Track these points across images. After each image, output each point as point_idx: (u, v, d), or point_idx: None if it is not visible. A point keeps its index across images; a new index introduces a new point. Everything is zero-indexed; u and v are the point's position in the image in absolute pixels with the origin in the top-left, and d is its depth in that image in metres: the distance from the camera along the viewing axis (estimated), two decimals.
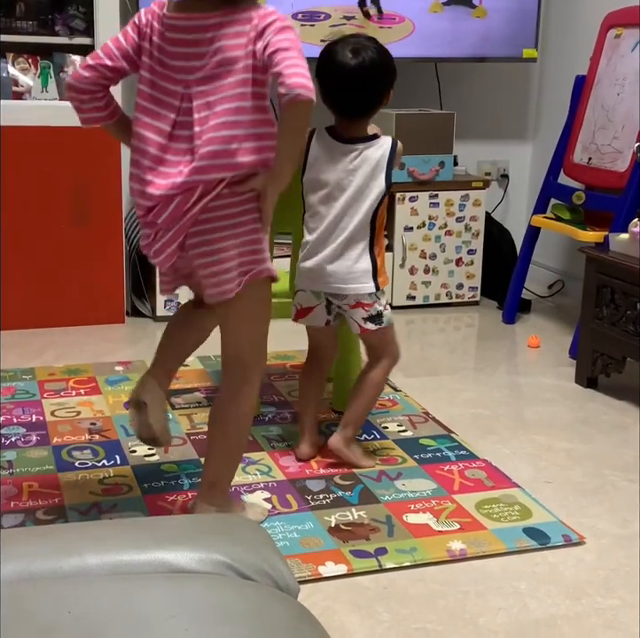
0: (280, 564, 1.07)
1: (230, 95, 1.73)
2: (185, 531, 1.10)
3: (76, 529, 1.22)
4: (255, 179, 1.78)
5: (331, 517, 2.10)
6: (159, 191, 1.76)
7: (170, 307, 3.59)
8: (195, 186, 1.75)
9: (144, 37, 1.80)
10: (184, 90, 1.76)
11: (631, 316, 2.80)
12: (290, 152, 1.79)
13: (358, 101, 2.21)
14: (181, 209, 1.77)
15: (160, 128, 1.77)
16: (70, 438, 2.50)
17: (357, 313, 2.28)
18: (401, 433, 2.61)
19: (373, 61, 2.16)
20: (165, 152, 1.77)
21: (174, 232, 1.79)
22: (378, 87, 2.20)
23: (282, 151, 1.77)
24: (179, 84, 1.76)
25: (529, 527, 2.09)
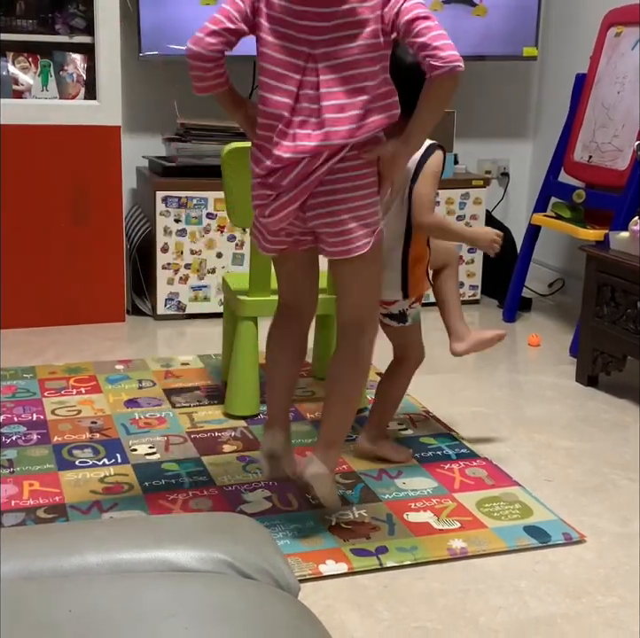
0: (281, 562, 1.07)
1: (358, 59, 1.73)
2: (186, 529, 1.10)
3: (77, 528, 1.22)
4: (384, 147, 1.80)
5: (331, 516, 2.10)
6: (287, 154, 1.76)
7: (170, 306, 3.59)
8: (323, 150, 1.76)
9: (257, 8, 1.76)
10: (310, 51, 1.74)
11: (631, 315, 2.80)
12: (429, 124, 1.80)
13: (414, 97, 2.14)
14: (307, 171, 1.77)
15: (286, 89, 1.76)
16: (71, 436, 2.50)
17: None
18: (401, 432, 2.61)
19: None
20: (292, 114, 1.76)
21: (296, 192, 1.80)
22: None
23: (421, 121, 1.78)
24: (304, 44, 1.74)
25: (530, 526, 2.09)
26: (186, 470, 2.31)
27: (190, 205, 3.53)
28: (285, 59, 1.76)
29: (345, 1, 1.72)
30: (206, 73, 1.80)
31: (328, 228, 1.84)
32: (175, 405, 2.75)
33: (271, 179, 1.81)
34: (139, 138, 3.79)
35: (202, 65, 1.78)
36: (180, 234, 3.54)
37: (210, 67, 1.79)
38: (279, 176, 1.80)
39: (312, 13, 1.73)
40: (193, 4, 3.55)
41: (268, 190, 1.84)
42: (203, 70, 1.79)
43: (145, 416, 2.65)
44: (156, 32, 3.52)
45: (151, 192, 3.53)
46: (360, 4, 1.72)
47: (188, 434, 2.54)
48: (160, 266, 3.56)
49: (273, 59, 1.78)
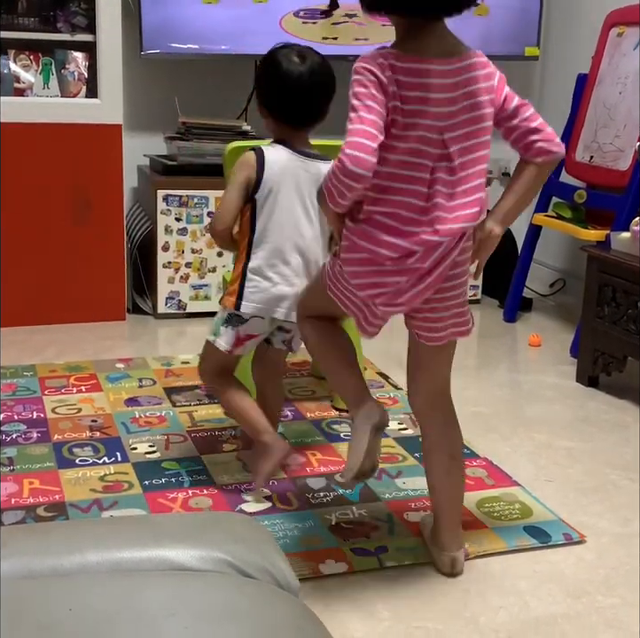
0: (281, 561, 1.06)
1: (483, 141, 1.74)
2: (186, 528, 1.10)
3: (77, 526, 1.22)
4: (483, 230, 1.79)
5: (331, 516, 2.10)
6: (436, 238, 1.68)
7: (171, 305, 3.59)
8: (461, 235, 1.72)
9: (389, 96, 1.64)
10: (439, 136, 1.68)
11: (632, 315, 2.79)
12: (526, 206, 1.84)
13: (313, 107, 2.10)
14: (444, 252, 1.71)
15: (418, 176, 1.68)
16: (71, 435, 2.50)
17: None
18: (401, 431, 2.60)
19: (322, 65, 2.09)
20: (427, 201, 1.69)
21: (436, 276, 1.72)
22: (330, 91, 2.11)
23: (521, 204, 1.80)
24: (433, 131, 1.67)
25: (530, 526, 2.09)
26: (186, 469, 2.31)
27: (191, 203, 3.52)
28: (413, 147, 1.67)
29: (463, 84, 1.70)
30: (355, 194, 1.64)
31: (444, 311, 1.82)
32: (175, 404, 2.75)
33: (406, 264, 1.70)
34: (140, 137, 3.79)
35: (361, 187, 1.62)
36: (181, 233, 3.54)
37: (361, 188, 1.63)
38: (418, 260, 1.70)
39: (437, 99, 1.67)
40: (195, 3, 3.54)
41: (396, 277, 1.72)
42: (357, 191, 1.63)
43: (146, 415, 2.65)
44: (158, 30, 3.51)
45: (152, 191, 3.53)
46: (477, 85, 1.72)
47: (188, 433, 2.54)
48: (161, 264, 3.56)
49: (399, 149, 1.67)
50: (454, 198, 1.70)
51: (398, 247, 1.69)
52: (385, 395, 2.85)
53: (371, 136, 1.60)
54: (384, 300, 1.75)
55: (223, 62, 3.77)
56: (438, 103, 1.67)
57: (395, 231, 1.69)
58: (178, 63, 3.73)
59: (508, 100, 1.76)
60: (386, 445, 2.50)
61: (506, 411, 2.81)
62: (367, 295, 1.76)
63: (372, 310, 1.79)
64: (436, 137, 1.68)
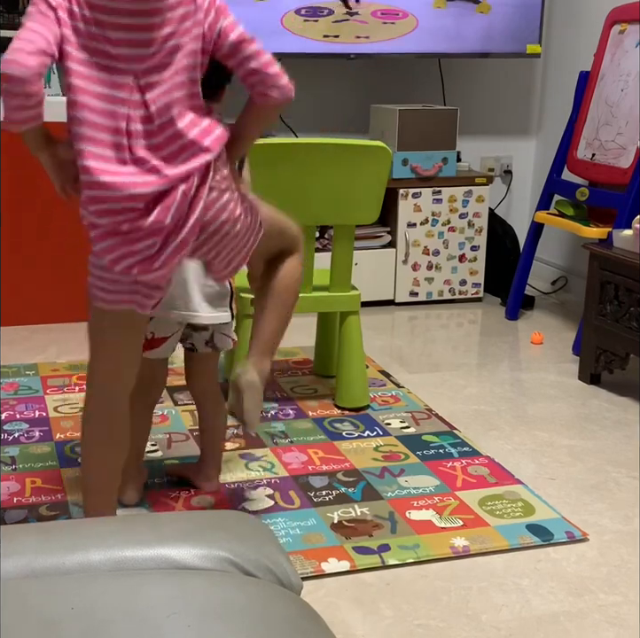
0: (283, 560, 1.06)
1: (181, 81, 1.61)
2: (188, 527, 1.10)
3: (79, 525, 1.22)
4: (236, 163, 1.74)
5: (333, 514, 2.10)
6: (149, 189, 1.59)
7: None
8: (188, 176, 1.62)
9: (62, 23, 1.58)
10: (134, 82, 1.59)
11: (634, 313, 2.79)
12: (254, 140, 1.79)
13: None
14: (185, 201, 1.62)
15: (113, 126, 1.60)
16: (73, 434, 2.50)
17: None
18: (403, 430, 2.60)
19: None
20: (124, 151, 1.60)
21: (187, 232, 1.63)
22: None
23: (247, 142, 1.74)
24: (127, 75, 1.59)
25: (532, 524, 2.09)
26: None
27: None
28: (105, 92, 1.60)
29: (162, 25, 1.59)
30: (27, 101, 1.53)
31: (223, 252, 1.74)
32: (177, 403, 2.75)
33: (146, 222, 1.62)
34: None
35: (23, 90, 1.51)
36: None
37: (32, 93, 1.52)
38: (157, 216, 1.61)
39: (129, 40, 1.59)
40: None
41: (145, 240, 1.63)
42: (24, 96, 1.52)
43: None
44: None
45: None
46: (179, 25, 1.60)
47: (190, 432, 2.54)
48: None
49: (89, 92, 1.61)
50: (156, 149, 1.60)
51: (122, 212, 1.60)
52: (386, 393, 2.85)
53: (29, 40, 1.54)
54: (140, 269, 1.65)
55: None
56: (122, 43, 1.58)
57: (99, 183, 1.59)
58: None
59: (224, 34, 1.61)
60: (389, 443, 2.50)
61: (508, 409, 2.81)
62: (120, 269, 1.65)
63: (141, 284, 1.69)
64: (129, 82, 1.59)
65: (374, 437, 2.54)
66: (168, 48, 1.60)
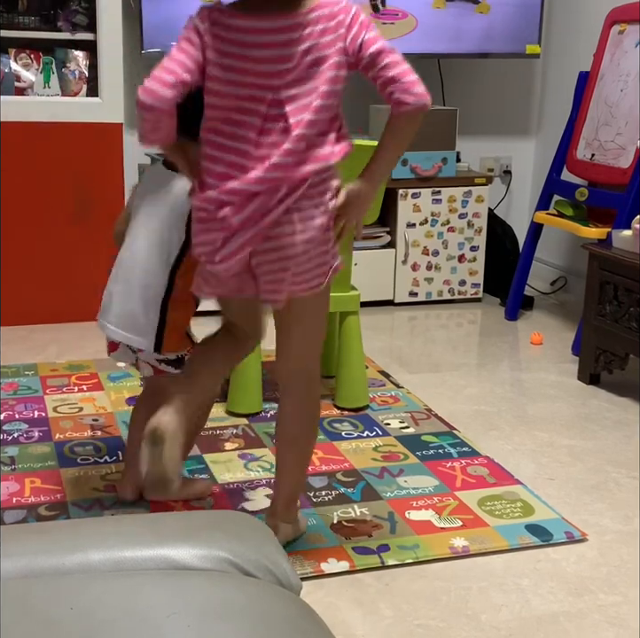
0: (282, 560, 1.06)
1: (319, 93, 1.66)
2: (188, 527, 1.10)
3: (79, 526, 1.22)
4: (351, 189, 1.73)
5: (333, 514, 2.10)
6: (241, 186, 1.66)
7: None
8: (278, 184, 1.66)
9: (207, 48, 1.66)
10: (273, 96, 1.65)
11: (634, 313, 2.79)
12: (395, 161, 1.80)
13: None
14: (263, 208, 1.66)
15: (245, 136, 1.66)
16: (72, 434, 2.50)
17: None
18: (403, 430, 2.60)
19: None
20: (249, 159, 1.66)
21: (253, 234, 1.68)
22: None
23: (389, 159, 1.75)
24: (266, 89, 1.64)
25: (531, 524, 2.09)
26: (188, 468, 2.31)
27: None
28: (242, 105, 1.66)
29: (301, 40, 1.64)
30: (159, 125, 1.65)
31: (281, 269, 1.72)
32: None
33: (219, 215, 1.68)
34: None
35: (155, 117, 1.63)
36: None
37: (164, 120, 1.64)
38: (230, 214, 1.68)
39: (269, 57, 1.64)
40: (196, 1, 3.52)
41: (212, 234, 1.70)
42: (155, 122, 1.64)
43: None
44: (158, 29, 3.51)
45: None
46: (319, 40, 1.64)
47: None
48: None
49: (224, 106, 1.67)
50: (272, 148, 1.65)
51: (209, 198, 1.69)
52: (386, 393, 2.85)
53: (171, 70, 1.63)
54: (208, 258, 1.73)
55: None
56: (262, 60, 1.64)
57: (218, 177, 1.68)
58: None
59: (365, 46, 1.64)
60: (388, 443, 2.50)
61: (508, 409, 2.81)
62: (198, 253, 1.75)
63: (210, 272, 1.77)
64: (267, 96, 1.64)
65: (373, 437, 2.54)
66: (308, 62, 1.65)
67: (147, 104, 1.61)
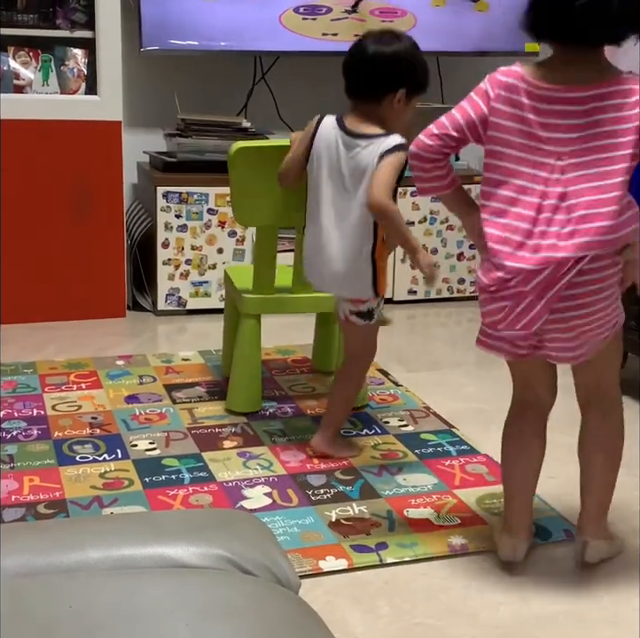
0: (281, 558, 1.06)
1: (613, 169, 1.68)
2: (186, 526, 1.10)
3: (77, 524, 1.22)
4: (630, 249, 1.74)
5: (331, 512, 2.10)
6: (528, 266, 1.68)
7: (171, 302, 3.59)
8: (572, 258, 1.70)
9: (493, 112, 1.73)
10: (556, 162, 1.68)
11: (633, 311, 2.79)
12: None
13: (363, 81, 2.18)
14: (555, 275, 1.69)
15: (528, 201, 1.70)
16: (71, 432, 2.50)
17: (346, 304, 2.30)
18: (402, 428, 2.60)
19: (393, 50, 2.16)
20: (534, 225, 1.69)
21: (547, 299, 1.71)
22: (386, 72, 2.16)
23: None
24: (550, 156, 1.69)
25: None
26: (186, 466, 2.31)
27: (190, 200, 3.52)
28: (524, 170, 1.70)
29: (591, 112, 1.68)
30: (424, 174, 1.80)
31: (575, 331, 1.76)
32: (175, 401, 2.75)
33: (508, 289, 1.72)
34: (140, 133, 3.78)
35: (419, 164, 1.78)
36: (181, 229, 3.54)
37: (427, 168, 1.79)
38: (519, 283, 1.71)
39: (556, 125, 1.69)
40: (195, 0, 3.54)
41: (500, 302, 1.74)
42: (420, 170, 1.79)
43: (146, 412, 2.65)
44: (157, 27, 3.51)
45: (151, 188, 3.53)
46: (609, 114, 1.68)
47: (188, 430, 2.54)
48: (161, 261, 3.55)
49: (508, 171, 1.72)
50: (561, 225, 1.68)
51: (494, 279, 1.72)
52: (385, 392, 2.86)
53: (441, 125, 1.76)
54: (504, 326, 1.76)
55: (223, 58, 3.76)
56: (549, 127, 1.69)
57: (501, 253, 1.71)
58: (178, 59, 3.72)
59: None
60: (387, 441, 2.51)
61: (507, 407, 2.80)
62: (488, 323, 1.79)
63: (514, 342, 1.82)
64: (550, 162, 1.69)
65: (372, 435, 2.54)
66: (592, 134, 1.68)
67: (412, 151, 1.77)
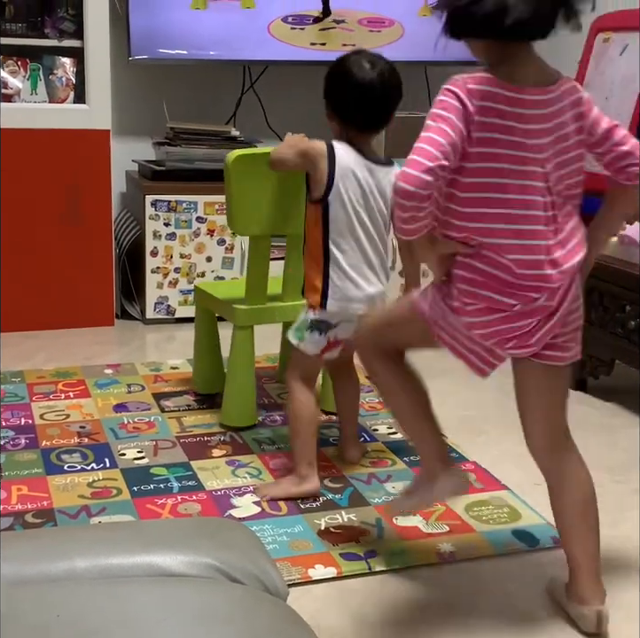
0: (269, 567, 1.07)
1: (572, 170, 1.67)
2: (174, 534, 1.10)
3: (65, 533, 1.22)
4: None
5: (320, 520, 2.10)
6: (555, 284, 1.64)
7: (160, 310, 3.59)
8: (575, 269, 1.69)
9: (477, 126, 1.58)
10: (543, 170, 1.63)
11: (620, 319, 2.81)
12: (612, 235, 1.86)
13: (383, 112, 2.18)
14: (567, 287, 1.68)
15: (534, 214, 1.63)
16: (59, 441, 2.49)
17: None
18: (390, 436, 2.61)
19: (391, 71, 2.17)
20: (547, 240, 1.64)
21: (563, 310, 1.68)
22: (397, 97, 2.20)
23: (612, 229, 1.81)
24: (536, 164, 1.62)
25: (518, 529, 2.09)
26: (175, 475, 2.31)
27: (179, 208, 3.52)
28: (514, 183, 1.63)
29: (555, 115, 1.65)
30: (419, 214, 1.57)
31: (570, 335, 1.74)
32: (164, 409, 2.74)
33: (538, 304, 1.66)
34: (129, 142, 3.79)
35: (417, 205, 1.55)
36: (169, 238, 3.54)
37: (425, 207, 1.56)
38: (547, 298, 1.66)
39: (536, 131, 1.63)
40: (183, 9, 3.55)
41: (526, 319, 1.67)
42: (417, 210, 1.56)
43: (134, 421, 2.65)
44: (146, 36, 3.52)
45: (140, 196, 3.53)
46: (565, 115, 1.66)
47: (177, 438, 2.54)
48: (150, 270, 3.55)
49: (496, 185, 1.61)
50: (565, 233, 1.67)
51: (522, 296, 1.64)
52: (374, 399, 2.86)
53: (431, 156, 1.53)
54: (514, 344, 1.70)
55: (212, 67, 3.77)
56: (536, 134, 1.62)
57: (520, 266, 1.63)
58: (166, 68, 3.73)
59: (596, 124, 1.70)
60: (376, 449, 2.51)
61: (495, 415, 2.82)
62: (493, 343, 1.71)
63: (495, 353, 1.76)
64: (539, 170, 1.63)
65: (361, 443, 2.54)
66: (556, 138, 1.65)
67: (405, 190, 1.52)
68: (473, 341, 1.74)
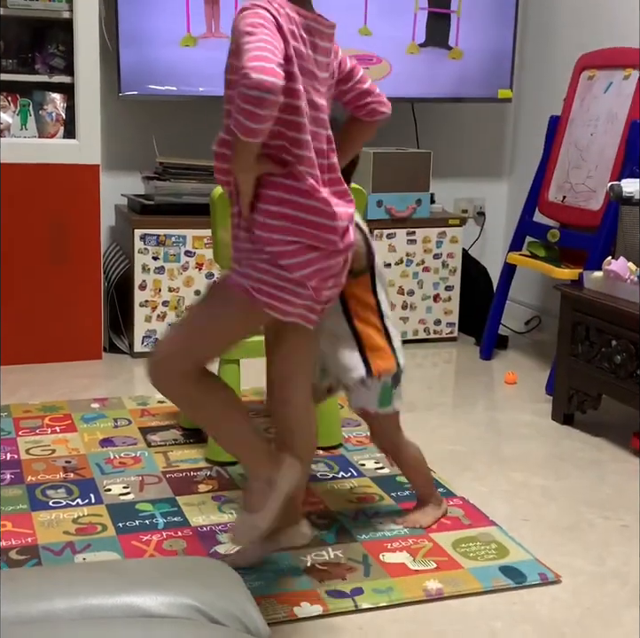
0: (251, 608, 1.06)
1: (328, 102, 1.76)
2: (155, 575, 1.09)
3: (45, 573, 1.21)
4: None
5: (307, 557, 2.09)
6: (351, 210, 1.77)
7: (148, 344, 3.58)
8: None
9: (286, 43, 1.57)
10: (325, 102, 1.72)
11: (606, 353, 2.82)
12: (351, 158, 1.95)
13: None
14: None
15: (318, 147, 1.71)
16: (45, 476, 2.48)
17: None
18: (378, 471, 2.60)
19: None
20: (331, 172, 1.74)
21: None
22: None
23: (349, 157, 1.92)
24: (322, 97, 1.70)
25: (506, 566, 2.08)
26: (160, 511, 2.29)
27: (168, 242, 3.53)
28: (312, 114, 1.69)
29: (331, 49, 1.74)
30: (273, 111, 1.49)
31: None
32: (150, 444, 2.73)
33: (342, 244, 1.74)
34: (118, 176, 3.80)
35: (276, 99, 1.46)
36: (158, 271, 3.55)
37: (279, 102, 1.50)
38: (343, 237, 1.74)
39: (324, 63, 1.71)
40: (172, 45, 3.58)
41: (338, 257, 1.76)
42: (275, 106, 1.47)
43: (120, 456, 2.63)
44: (135, 72, 3.55)
45: (129, 230, 3.54)
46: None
47: (163, 474, 2.52)
48: (138, 303, 3.55)
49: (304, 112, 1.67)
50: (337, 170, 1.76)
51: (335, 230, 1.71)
52: (361, 434, 2.85)
53: (274, 52, 1.48)
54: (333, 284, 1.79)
55: (201, 103, 3.80)
56: (322, 66, 1.71)
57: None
58: (156, 104, 3.76)
59: (344, 62, 1.79)
60: (363, 485, 2.50)
61: (482, 450, 2.82)
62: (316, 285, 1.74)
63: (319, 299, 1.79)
64: (324, 103, 1.72)
65: (349, 478, 2.54)
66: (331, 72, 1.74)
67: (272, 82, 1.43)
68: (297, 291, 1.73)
